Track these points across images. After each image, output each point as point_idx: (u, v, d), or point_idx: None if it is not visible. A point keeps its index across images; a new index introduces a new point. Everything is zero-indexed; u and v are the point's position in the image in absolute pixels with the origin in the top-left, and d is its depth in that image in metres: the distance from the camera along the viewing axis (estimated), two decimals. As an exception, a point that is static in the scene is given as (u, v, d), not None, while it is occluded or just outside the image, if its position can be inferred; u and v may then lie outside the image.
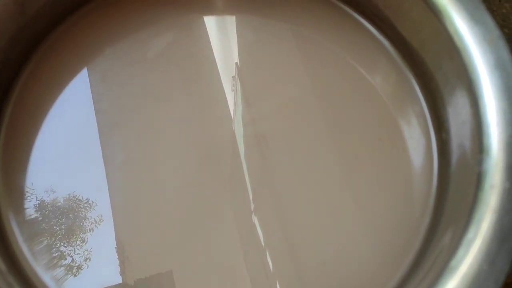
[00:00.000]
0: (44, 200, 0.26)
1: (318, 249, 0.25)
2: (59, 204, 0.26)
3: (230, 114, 0.28)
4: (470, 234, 0.18)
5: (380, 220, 0.25)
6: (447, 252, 0.19)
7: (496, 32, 0.21)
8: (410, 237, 0.24)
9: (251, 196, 0.26)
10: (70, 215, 0.25)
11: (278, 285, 0.25)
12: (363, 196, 0.26)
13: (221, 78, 0.29)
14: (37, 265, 0.24)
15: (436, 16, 0.22)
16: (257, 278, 0.25)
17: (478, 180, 0.19)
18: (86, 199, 0.26)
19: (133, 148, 0.27)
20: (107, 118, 0.27)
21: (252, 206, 0.26)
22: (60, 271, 0.25)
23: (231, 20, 0.30)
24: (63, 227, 0.25)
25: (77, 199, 0.26)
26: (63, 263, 0.25)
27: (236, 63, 0.29)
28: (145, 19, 0.29)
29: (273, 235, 0.26)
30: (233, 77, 0.29)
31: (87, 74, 0.28)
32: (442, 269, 0.18)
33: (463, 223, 0.19)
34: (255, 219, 0.26)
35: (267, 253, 0.25)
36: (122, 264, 0.25)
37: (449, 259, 0.18)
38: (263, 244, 0.26)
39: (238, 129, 0.28)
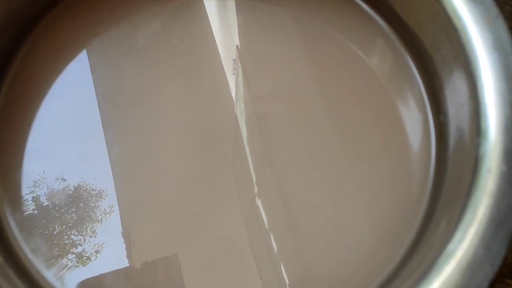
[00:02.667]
0: (54, 189, 0.26)
1: (321, 230, 0.25)
2: (69, 192, 0.26)
3: (232, 97, 0.28)
4: (467, 218, 0.18)
5: (379, 200, 0.25)
6: (444, 235, 0.19)
7: (494, 10, 0.21)
8: (409, 218, 0.24)
9: (254, 179, 0.27)
10: (81, 204, 0.26)
11: (282, 266, 0.25)
12: (363, 176, 0.26)
13: (222, 61, 0.28)
14: (36, 259, 0.24)
15: (434, -5, 0.22)
16: (261, 259, 0.25)
17: (475, 164, 0.19)
18: (92, 187, 0.26)
19: (135, 135, 0.27)
20: (105, 108, 0.27)
21: (256, 189, 0.26)
22: (69, 259, 0.25)
23: (231, 4, 0.30)
24: (74, 215, 0.26)
25: (86, 187, 0.26)
26: (74, 251, 0.25)
27: (237, 45, 0.29)
28: (134, 7, 0.28)
29: (277, 217, 0.26)
30: (233, 60, 0.29)
31: (77, 65, 0.28)
32: (439, 252, 0.18)
33: (460, 206, 0.19)
34: (258, 202, 0.26)
35: (271, 235, 0.26)
36: (129, 248, 0.25)
37: (446, 242, 0.18)
38: (267, 226, 0.26)
39: (240, 112, 0.28)
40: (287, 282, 0.25)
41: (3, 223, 0.24)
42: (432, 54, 0.24)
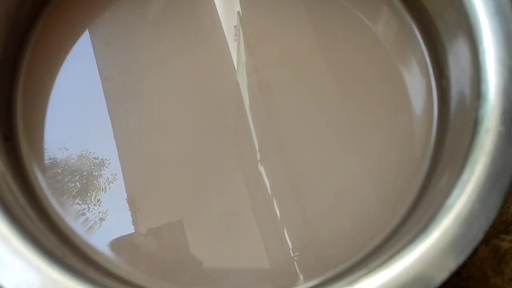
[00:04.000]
0: (57, 158, 0.26)
1: (324, 194, 0.26)
2: (72, 161, 0.26)
3: (234, 64, 0.28)
4: (465, 175, 0.19)
5: (382, 162, 0.26)
6: (443, 192, 0.20)
7: None
8: (410, 178, 0.25)
9: (257, 146, 0.27)
10: (84, 173, 0.26)
11: (285, 231, 0.26)
12: (366, 139, 0.26)
13: (223, 28, 0.29)
14: (65, 215, 0.25)
15: (439, -38, 0.22)
16: (264, 224, 0.26)
17: (474, 125, 0.20)
18: (96, 156, 0.26)
19: (137, 104, 0.27)
20: (114, 82, 0.27)
21: (258, 155, 0.27)
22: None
23: None
24: (77, 184, 0.26)
25: (91, 156, 0.26)
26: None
27: (238, 12, 0.29)
28: None
29: (280, 183, 0.26)
30: (235, 26, 0.29)
31: (90, 39, 0.28)
32: (439, 207, 0.19)
33: (459, 165, 0.20)
34: (261, 168, 0.27)
35: (274, 200, 0.26)
36: (134, 214, 0.25)
37: (445, 198, 0.19)
38: (269, 191, 0.26)
39: (242, 79, 0.28)
40: (290, 247, 0.25)
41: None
42: (435, 20, 0.24)
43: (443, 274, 0.18)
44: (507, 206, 0.31)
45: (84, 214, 0.25)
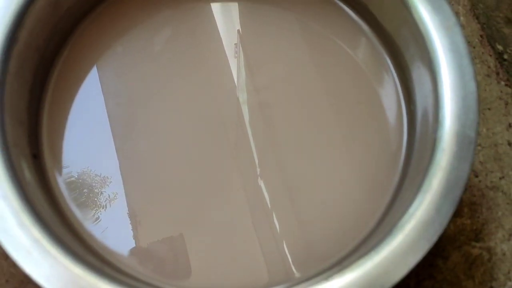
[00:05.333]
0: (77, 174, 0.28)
1: (322, 208, 0.27)
2: (78, 174, 0.28)
3: (234, 81, 0.29)
4: (424, 187, 0.22)
5: (362, 173, 0.28)
6: (408, 201, 0.23)
7: (453, 19, 0.25)
8: (383, 189, 0.27)
9: (257, 161, 0.28)
10: (85, 190, 0.27)
11: (285, 245, 0.26)
12: (351, 153, 0.28)
13: (224, 45, 0.30)
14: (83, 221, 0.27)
15: (405, 6, 0.25)
16: (264, 238, 0.26)
17: (433, 145, 0.23)
18: (100, 172, 0.27)
19: (143, 124, 0.28)
20: (122, 108, 0.29)
21: (258, 170, 0.28)
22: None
23: (234, 6, 0.32)
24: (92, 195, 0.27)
25: (92, 174, 0.27)
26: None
27: (238, 30, 0.31)
28: (147, 14, 0.31)
29: (279, 197, 0.27)
30: (235, 44, 0.30)
31: (103, 70, 0.29)
32: (403, 214, 0.23)
33: (420, 178, 0.23)
34: (261, 183, 0.28)
35: (274, 214, 0.27)
36: (135, 229, 0.26)
37: (408, 206, 0.23)
38: (269, 206, 0.27)
39: (242, 95, 0.29)
40: (290, 260, 0.26)
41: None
42: (404, 52, 0.27)
43: (403, 270, 0.21)
44: (477, 216, 0.34)
45: (99, 219, 0.27)
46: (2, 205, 0.22)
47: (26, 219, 0.22)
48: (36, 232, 0.22)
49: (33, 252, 0.21)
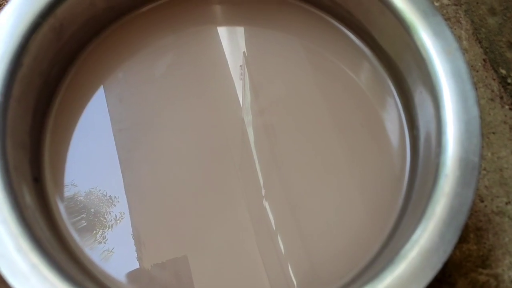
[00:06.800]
0: (77, 197, 0.28)
1: (325, 229, 0.27)
2: (81, 198, 0.28)
3: (239, 102, 0.30)
4: (427, 214, 0.22)
5: (364, 196, 0.28)
6: (411, 227, 0.23)
7: (455, 45, 0.25)
8: (386, 216, 0.27)
9: (261, 182, 0.28)
10: (85, 213, 0.27)
11: (289, 267, 0.26)
12: (355, 175, 0.28)
13: (230, 67, 0.31)
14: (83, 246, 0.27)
15: (406, 31, 0.26)
16: (269, 260, 0.26)
17: (436, 170, 0.23)
18: (105, 194, 0.28)
19: (144, 144, 0.29)
20: (126, 132, 0.29)
21: (263, 191, 0.28)
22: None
23: (236, 30, 0.32)
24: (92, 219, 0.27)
25: (94, 197, 0.28)
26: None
27: (244, 52, 0.31)
28: (151, 40, 0.31)
29: (283, 219, 0.27)
30: (240, 66, 0.31)
31: (105, 95, 0.30)
32: (406, 240, 0.22)
33: (424, 204, 0.23)
34: (266, 204, 0.28)
35: (278, 236, 0.27)
36: (139, 250, 0.26)
37: (412, 233, 0.22)
38: (274, 227, 0.27)
39: (247, 117, 0.30)
40: (295, 283, 0.26)
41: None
42: (406, 77, 0.28)
43: (406, 300, 0.21)
44: (484, 242, 0.33)
45: (96, 246, 0.27)
46: (0, 229, 0.21)
47: (25, 244, 0.22)
48: (34, 257, 0.21)
49: (31, 278, 0.21)
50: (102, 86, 0.30)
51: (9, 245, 0.21)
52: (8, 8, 0.25)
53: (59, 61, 0.28)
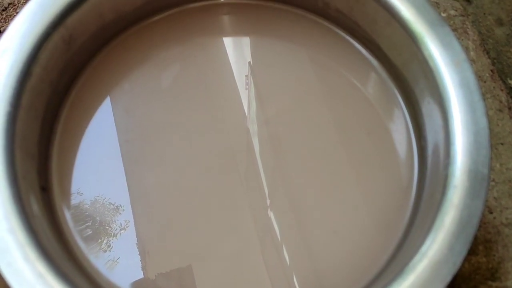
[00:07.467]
0: (84, 206, 0.28)
1: (332, 240, 0.27)
2: (86, 206, 0.28)
3: (245, 112, 0.30)
4: (436, 226, 0.22)
5: (371, 208, 0.28)
6: (420, 239, 0.23)
7: (462, 55, 0.25)
8: (393, 231, 0.27)
9: (266, 192, 0.28)
10: (92, 222, 0.27)
11: (294, 278, 0.26)
12: (365, 188, 0.28)
13: (235, 77, 0.31)
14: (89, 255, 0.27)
15: (413, 41, 0.26)
16: (274, 271, 0.26)
17: (444, 181, 0.23)
18: (110, 203, 0.28)
19: (150, 154, 0.29)
20: (132, 143, 0.29)
21: (268, 201, 0.28)
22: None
23: (244, 40, 0.33)
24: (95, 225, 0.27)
25: (101, 206, 0.28)
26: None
27: (249, 62, 0.31)
28: (157, 51, 0.31)
29: (289, 229, 0.27)
30: (246, 76, 0.31)
31: (112, 106, 0.30)
32: (415, 252, 0.22)
33: (432, 215, 0.23)
34: (271, 214, 0.27)
35: (284, 246, 0.27)
36: (144, 260, 0.26)
37: (420, 244, 0.22)
38: (279, 238, 0.27)
39: (253, 126, 0.30)
40: None
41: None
42: (413, 88, 0.27)
43: (416, 313, 0.20)
44: (493, 254, 0.33)
45: (102, 255, 0.27)
46: (8, 238, 0.22)
47: (32, 253, 0.21)
48: (40, 266, 0.21)
49: (37, 287, 0.21)
50: (108, 96, 0.30)
51: (16, 254, 0.21)
52: (19, 18, 0.25)
53: (68, 71, 0.29)
